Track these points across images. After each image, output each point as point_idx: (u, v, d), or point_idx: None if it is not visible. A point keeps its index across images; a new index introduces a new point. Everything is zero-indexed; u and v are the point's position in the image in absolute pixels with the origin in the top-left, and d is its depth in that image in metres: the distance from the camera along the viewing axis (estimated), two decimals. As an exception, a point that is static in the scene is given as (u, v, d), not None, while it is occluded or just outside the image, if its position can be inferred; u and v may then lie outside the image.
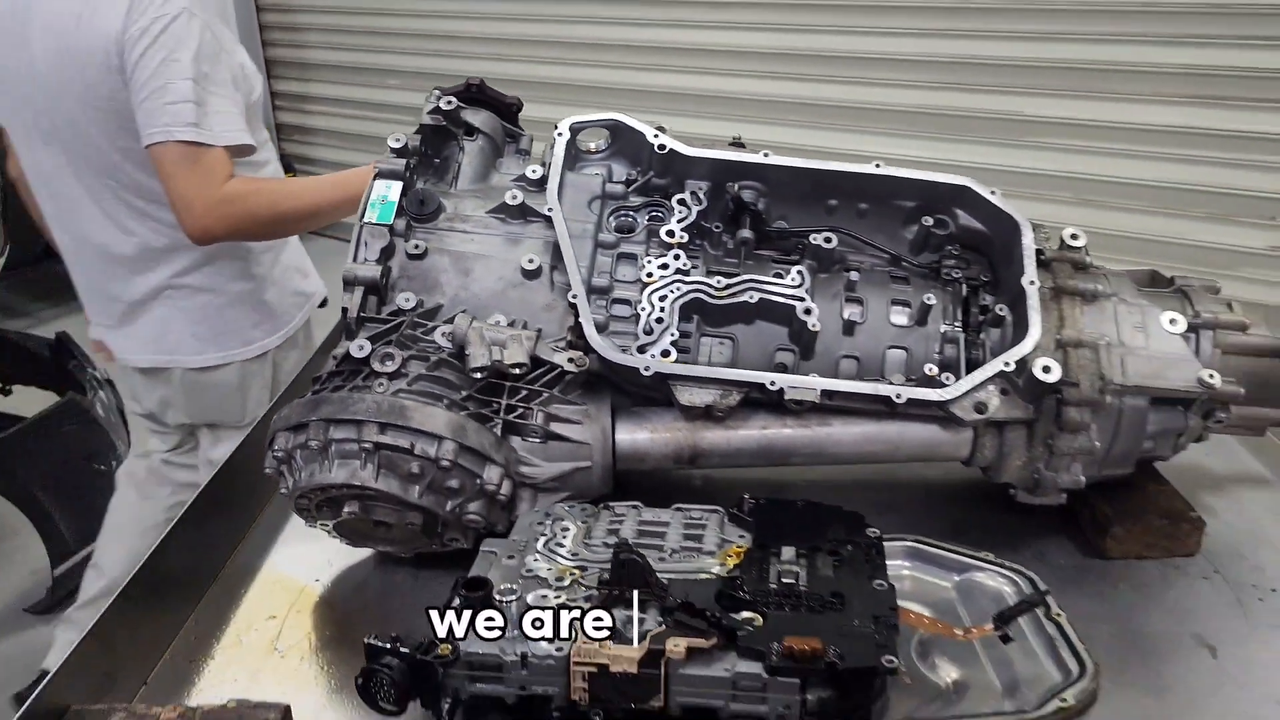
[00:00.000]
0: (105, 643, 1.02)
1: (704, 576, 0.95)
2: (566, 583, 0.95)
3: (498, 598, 0.92)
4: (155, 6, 1.70)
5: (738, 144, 1.26)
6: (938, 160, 3.46)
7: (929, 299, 1.18)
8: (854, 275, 1.20)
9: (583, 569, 0.97)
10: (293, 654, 1.06)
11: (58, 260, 2.04)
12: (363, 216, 1.17)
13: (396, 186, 1.19)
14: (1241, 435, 1.26)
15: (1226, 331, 1.15)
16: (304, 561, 1.20)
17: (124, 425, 2.74)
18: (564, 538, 1.02)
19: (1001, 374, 1.11)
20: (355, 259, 1.15)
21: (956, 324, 1.18)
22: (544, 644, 0.87)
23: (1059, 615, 0.93)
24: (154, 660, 1.06)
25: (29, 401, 2.79)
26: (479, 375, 1.07)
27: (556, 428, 1.11)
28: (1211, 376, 1.10)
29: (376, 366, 1.06)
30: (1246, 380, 1.13)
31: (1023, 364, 1.09)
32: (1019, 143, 3.47)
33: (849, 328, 1.18)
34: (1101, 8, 3.26)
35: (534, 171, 1.23)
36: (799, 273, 1.18)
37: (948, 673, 0.95)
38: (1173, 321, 1.14)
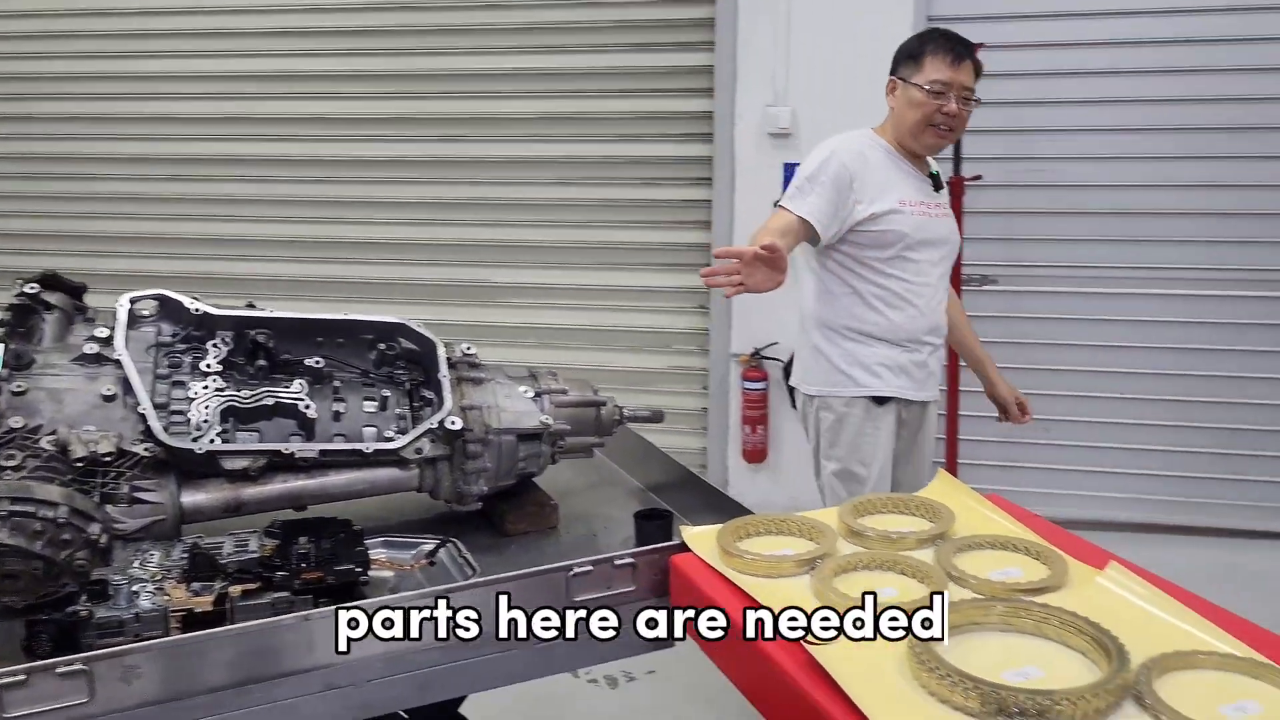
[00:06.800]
0: None
1: (249, 557, 1.55)
2: (159, 578, 1.50)
3: (111, 589, 1.45)
4: None
5: (251, 305, 1.91)
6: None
7: (386, 394, 1.89)
8: (338, 383, 1.88)
9: (168, 570, 1.53)
10: None
11: None
12: (-25, 370, 1.65)
13: (-3, 348, 1.68)
14: (577, 457, 2.10)
15: (556, 394, 1.98)
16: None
17: None
18: (152, 557, 1.57)
19: (429, 430, 1.83)
20: (-29, 398, 1.62)
21: (405, 408, 1.91)
22: (147, 603, 1.42)
23: (459, 544, 1.66)
24: None
25: None
26: (80, 464, 1.59)
27: (139, 494, 1.64)
28: (546, 419, 1.92)
29: (3, 463, 1.54)
30: (570, 420, 1.97)
31: (441, 423, 1.84)
32: (488, 303, 4.45)
33: (336, 416, 1.84)
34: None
35: (101, 332, 1.78)
36: (300, 383, 1.83)
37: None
38: (525, 391, 1.95)
